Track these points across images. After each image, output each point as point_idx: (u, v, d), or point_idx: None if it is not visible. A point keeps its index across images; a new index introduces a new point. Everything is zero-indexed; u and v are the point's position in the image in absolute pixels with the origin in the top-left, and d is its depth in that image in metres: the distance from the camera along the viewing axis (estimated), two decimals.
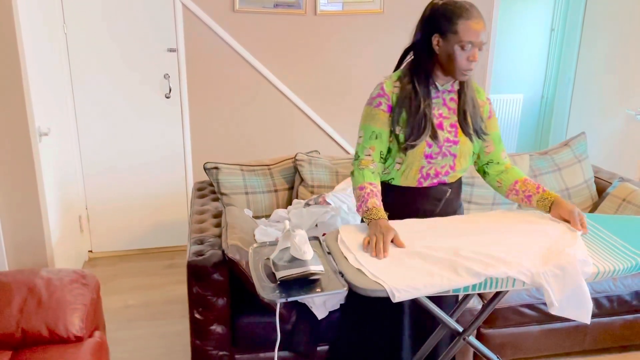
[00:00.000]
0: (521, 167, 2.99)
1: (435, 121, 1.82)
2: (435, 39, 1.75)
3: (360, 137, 1.86)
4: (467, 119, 1.85)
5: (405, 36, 1.86)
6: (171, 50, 3.37)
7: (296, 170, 2.88)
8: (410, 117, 1.79)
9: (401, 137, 1.80)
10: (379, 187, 1.81)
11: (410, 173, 1.85)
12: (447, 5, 1.73)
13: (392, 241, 1.64)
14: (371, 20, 3.61)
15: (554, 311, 1.54)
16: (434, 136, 1.80)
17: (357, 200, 1.77)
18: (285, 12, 3.47)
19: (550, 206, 1.81)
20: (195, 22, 3.38)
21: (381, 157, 1.84)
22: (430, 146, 1.81)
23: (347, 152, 3.83)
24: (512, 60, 4.81)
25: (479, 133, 1.87)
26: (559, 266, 1.53)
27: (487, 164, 1.96)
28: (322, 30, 3.57)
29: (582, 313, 1.55)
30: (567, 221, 1.77)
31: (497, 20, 3.82)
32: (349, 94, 3.73)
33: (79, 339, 1.94)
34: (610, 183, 3.10)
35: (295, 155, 2.90)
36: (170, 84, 3.42)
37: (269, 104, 3.64)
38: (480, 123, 1.87)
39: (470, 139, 1.86)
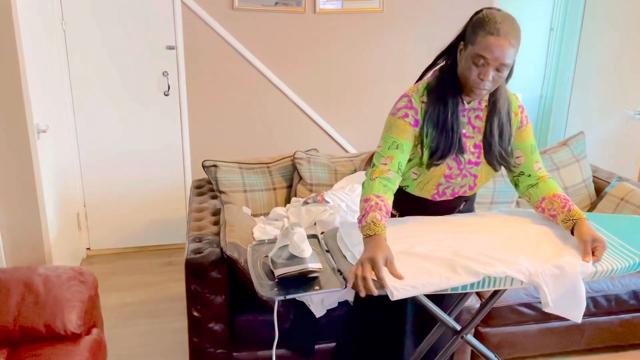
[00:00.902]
0: None
1: None
2: (460, 47, 1.66)
3: (379, 146, 1.71)
4: (492, 150, 1.73)
5: (405, 35, 1.82)
6: (170, 47, 3.37)
7: (295, 168, 2.88)
8: (436, 132, 1.68)
9: (426, 155, 1.70)
10: (388, 201, 1.60)
11: (426, 187, 1.79)
12: (483, 15, 1.60)
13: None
14: (371, 18, 3.60)
15: (548, 310, 1.54)
16: (461, 152, 1.70)
17: (360, 213, 1.59)
18: (284, 10, 3.47)
19: (572, 228, 1.64)
20: (194, 19, 3.37)
21: (399, 169, 1.67)
22: (450, 168, 1.72)
23: (346, 151, 3.83)
24: None
25: (504, 163, 1.76)
26: (558, 266, 1.53)
27: (519, 175, 1.82)
28: (322, 28, 3.56)
29: (576, 313, 1.56)
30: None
31: None
32: (348, 92, 3.73)
33: (76, 336, 1.94)
34: (609, 182, 3.10)
35: (294, 154, 2.90)
36: (169, 82, 3.42)
37: (268, 102, 3.64)
38: (506, 152, 1.75)
39: (494, 168, 1.77)
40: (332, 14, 3.55)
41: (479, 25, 1.58)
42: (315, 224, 2.50)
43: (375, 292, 1.40)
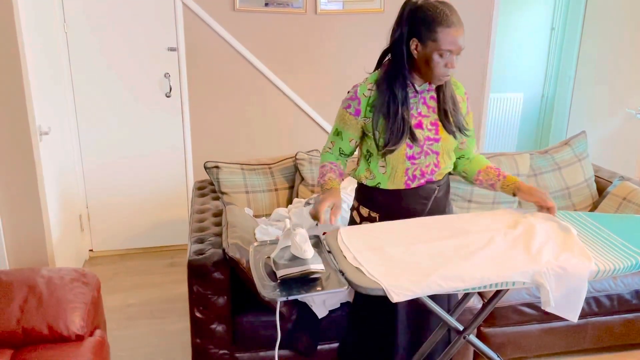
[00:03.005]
0: (521, 166, 2.99)
1: (414, 121, 1.82)
2: (414, 44, 1.74)
3: (331, 129, 1.98)
4: (449, 117, 1.85)
5: None
6: (171, 49, 3.37)
7: (296, 169, 2.88)
8: (388, 122, 1.79)
9: (381, 143, 1.82)
10: (340, 167, 1.95)
11: (396, 176, 1.86)
12: (426, 10, 1.70)
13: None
14: (372, 19, 3.61)
15: (548, 309, 1.54)
16: (413, 138, 1.81)
17: (318, 176, 1.93)
18: (285, 11, 3.47)
19: (514, 192, 1.86)
20: (195, 21, 3.38)
21: (341, 153, 1.95)
22: (410, 147, 1.82)
23: None
24: (512, 59, 4.81)
25: (462, 130, 1.88)
26: (562, 267, 1.53)
27: (459, 159, 2.00)
28: (323, 29, 3.57)
29: (573, 313, 1.56)
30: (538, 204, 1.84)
31: (497, 19, 3.82)
32: None
33: (79, 338, 1.95)
34: (611, 182, 3.10)
35: (296, 154, 2.90)
36: (171, 83, 3.42)
37: (269, 103, 3.64)
38: (462, 121, 1.88)
39: (454, 136, 1.87)
40: (333, 14, 3.55)
41: (433, 22, 1.68)
42: (317, 224, 2.50)
43: (325, 220, 1.79)
